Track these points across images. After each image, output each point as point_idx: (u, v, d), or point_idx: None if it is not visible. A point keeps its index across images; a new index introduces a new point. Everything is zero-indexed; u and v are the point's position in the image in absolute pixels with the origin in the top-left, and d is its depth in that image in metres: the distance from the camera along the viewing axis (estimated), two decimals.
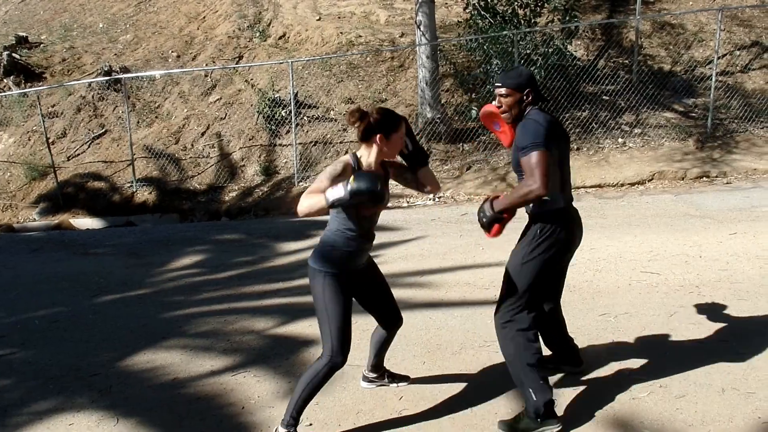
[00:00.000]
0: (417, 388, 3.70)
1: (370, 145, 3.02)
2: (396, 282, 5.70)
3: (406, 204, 9.52)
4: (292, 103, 11.00)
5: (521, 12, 11.21)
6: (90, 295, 5.92)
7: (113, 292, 6.01)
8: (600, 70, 11.42)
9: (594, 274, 5.49)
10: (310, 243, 7.35)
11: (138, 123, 12.55)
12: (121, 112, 12.63)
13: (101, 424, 3.55)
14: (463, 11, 12.04)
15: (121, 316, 5.30)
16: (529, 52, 10.88)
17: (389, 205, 9.57)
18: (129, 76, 13.00)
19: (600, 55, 12.17)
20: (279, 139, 11.58)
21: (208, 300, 5.61)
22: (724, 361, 3.78)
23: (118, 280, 6.36)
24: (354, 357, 4.06)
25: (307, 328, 4.73)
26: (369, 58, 12.60)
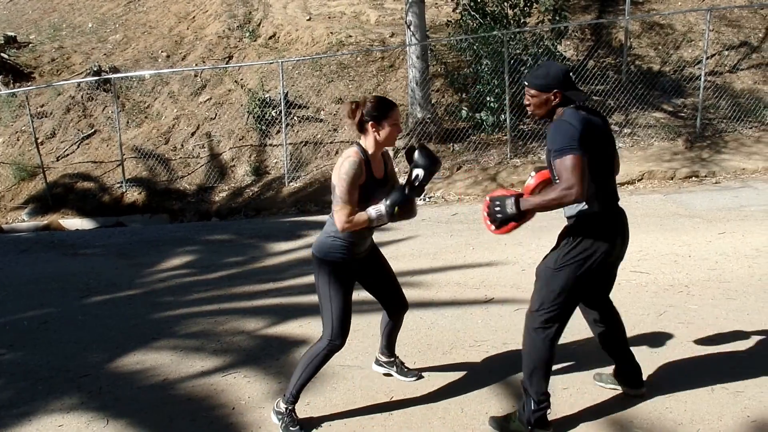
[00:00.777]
0: (407, 387, 3.70)
1: (366, 134, 3.14)
2: None
3: None
4: (283, 103, 10.98)
5: (511, 12, 11.25)
6: (79, 296, 5.89)
7: (103, 292, 5.98)
8: (589, 70, 11.46)
9: None
10: (300, 243, 7.35)
11: (128, 123, 12.50)
12: (110, 112, 12.57)
13: (91, 425, 3.53)
14: (453, 11, 12.06)
15: (110, 316, 5.28)
16: (519, 52, 10.92)
17: None
18: (118, 76, 12.94)
19: (589, 55, 12.22)
20: (269, 139, 11.56)
21: (198, 301, 5.60)
22: (713, 360, 3.81)
23: (107, 281, 6.33)
24: (345, 358, 4.07)
25: (298, 328, 4.73)
26: (359, 58, 12.60)
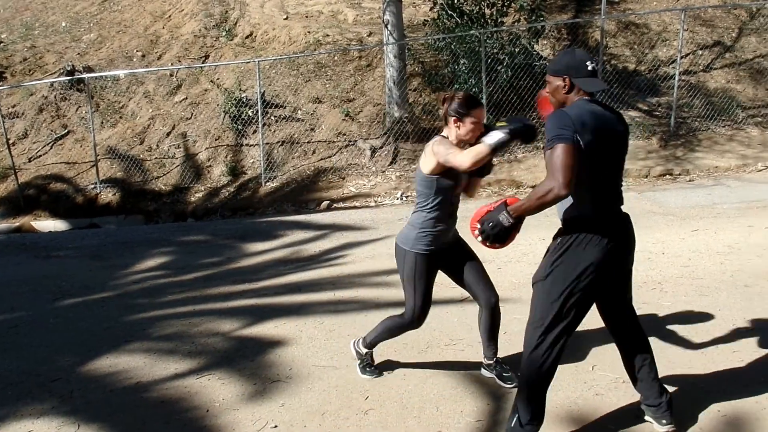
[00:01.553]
0: (383, 387, 3.69)
1: (449, 128, 3.28)
2: (363, 281, 5.69)
3: (374, 203, 9.51)
4: (259, 103, 10.93)
5: (488, 11, 11.30)
6: (51, 299, 5.80)
7: (75, 295, 5.89)
8: None
9: None
10: (276, 243, 7.30)
11: (102, 123, 12.35)
12: (84, 112, 12.40)
13: (62, 430, 3.47)
14: (430, 11, 12.08)
15: (83, 319, 5.20)
16: (496, 51, 10.97)
17: (356, 203, 9.56)
18: (92, 75, 12.76)
19: None
20: (246, 139, 11.49)
21: (172, 302, 5.54)
22: (686, 357, 3.84)
23: (80, 283, 6.24)
24: (320, 358, 4.06)
25: (273, 329, 4.70)
26: (337, 58, 12.56)
